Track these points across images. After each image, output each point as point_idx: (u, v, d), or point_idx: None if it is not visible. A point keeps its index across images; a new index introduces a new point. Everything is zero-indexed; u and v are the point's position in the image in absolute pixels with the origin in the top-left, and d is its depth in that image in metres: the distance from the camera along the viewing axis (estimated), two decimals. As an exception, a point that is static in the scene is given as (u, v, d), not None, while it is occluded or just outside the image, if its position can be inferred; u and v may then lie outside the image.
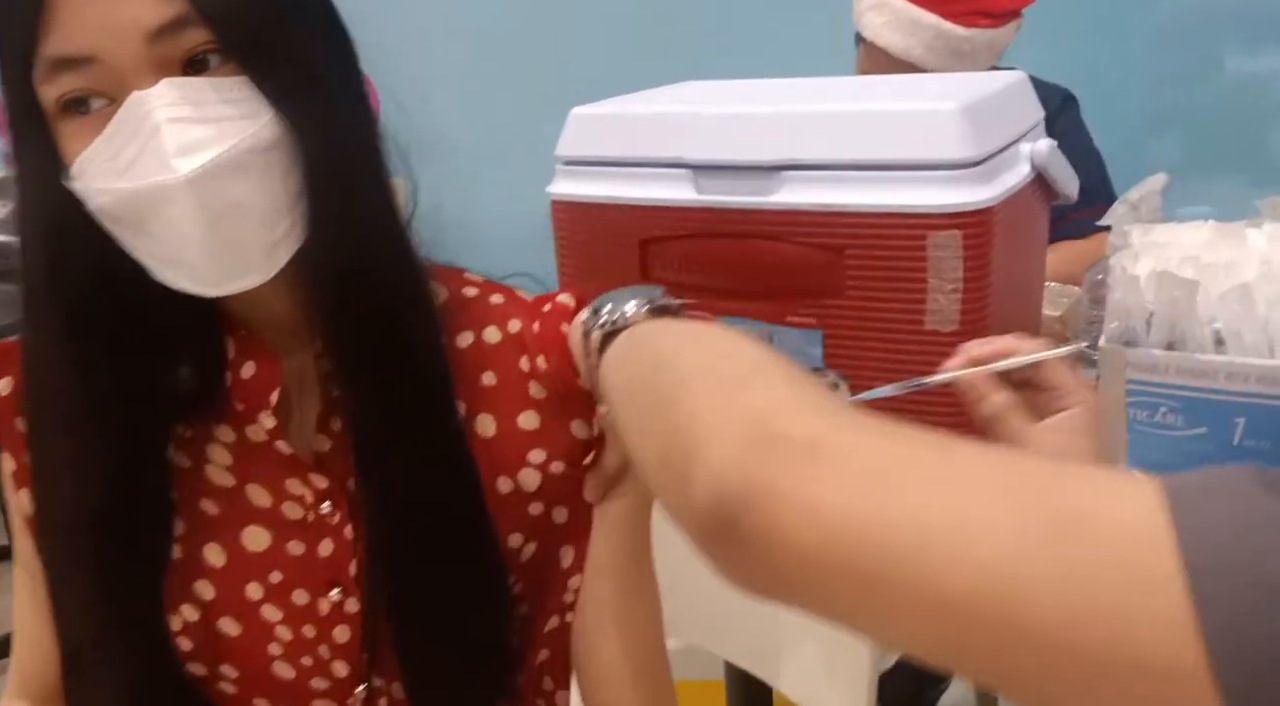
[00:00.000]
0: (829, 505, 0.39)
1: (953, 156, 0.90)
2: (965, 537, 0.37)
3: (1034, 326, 1.18)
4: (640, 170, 1.03)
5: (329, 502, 0.69)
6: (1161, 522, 0.34)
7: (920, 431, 0.42)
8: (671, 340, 0.56)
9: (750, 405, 0.44)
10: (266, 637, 0.70)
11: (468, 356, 0.72)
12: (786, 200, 0.96)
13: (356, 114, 0.65)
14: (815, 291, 0.98)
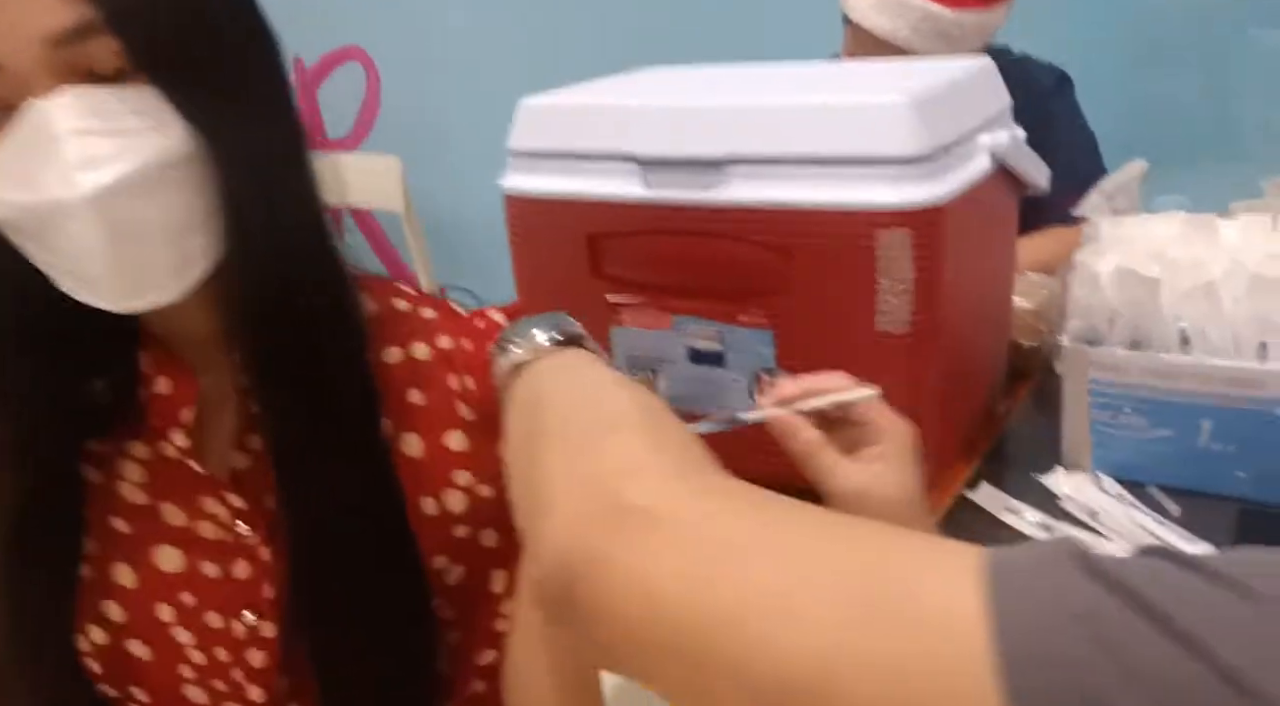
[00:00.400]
0: (658, 581, 0.38)
1: (901, 152, 0.87)
2: (782, 621, 0.35)
3: (1004, 321, 1.15)
4: (589, 164, 1.00)
5: (245, 523, 0.68)
6: (980, 608, 0.32)
7: (765, 498, 0.41)
8: (550, 385, 0.54)
9: (597, 468, 0.44)
10: (178, 660, 0.68)
11: (395, 373, 0.70)
12: (733, 196, 0.93)
13: (280, 127, 0.63)
14: (765, 290, 0.95)
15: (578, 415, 0.48)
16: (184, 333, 0.65)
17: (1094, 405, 0.99)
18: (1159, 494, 0.97)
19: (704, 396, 1.02)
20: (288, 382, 0.64)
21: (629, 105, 0.98)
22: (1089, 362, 0.98)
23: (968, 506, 0.98)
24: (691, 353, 1.01)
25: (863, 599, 0.35)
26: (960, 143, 0.94)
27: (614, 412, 0.48)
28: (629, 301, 1.02)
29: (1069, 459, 1.02)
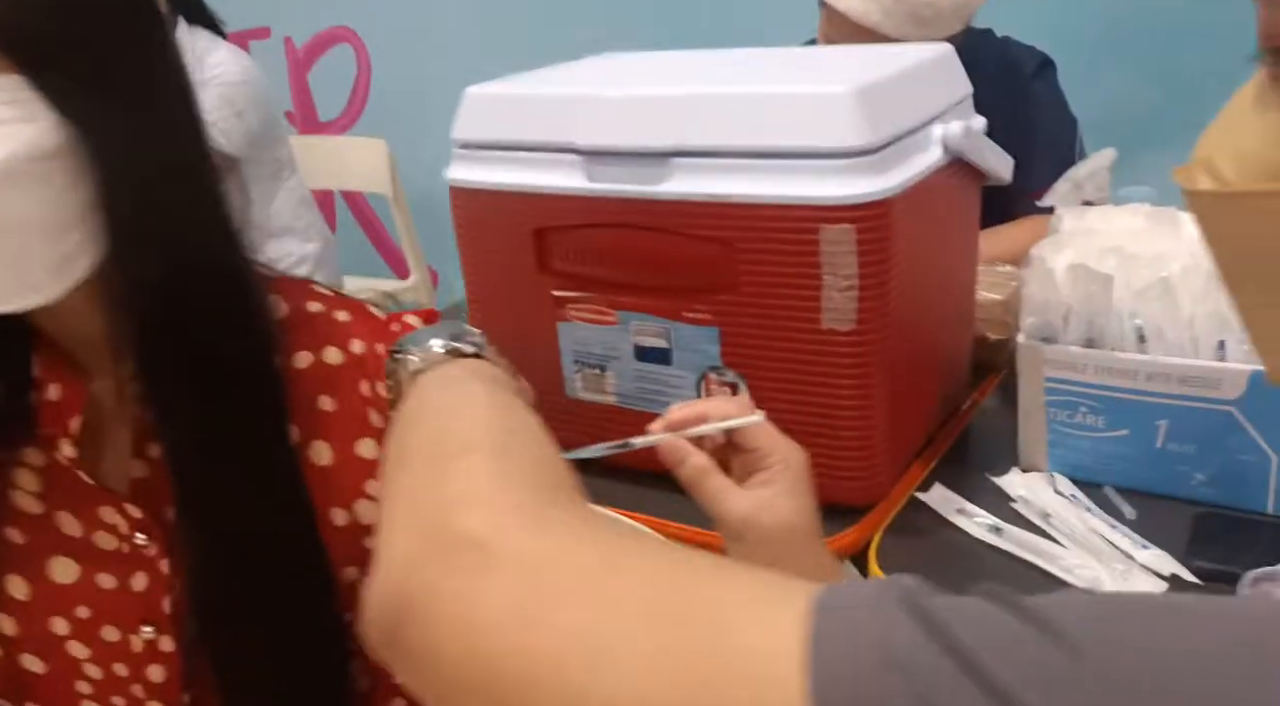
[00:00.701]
0: (481, 620, 0.36)
1: (844, 144, 0.84)
2: (601, 671, 0.33)
3: (966, 316, 1.12)
4: (533, 155, 0.98)
5: (144, 534, 0.66)
6: (798, 656, 0.30)
7: (608, 534, 0.39)
8: (425, 401, 0.52)
9: (437, 496, 0.41)
10: (74, 676, 0.67)
11: (305, 378, 0.67)
12: (676, 190, 0.91)
13: (164, 122, 0.60)
14: (710, 287, 0.93)
15: (435, 435, 0.46)
16: (75, 335, 0.63)
17: (1050, 404, 0.96)
18: (1116, 496, 0.95)
19: (651, 395, 1.00)
20: (180, 389, 0.62)
21: (571, 94, 0.96)
22: (1044, 361, 0.95)
23: (919, 508, 0.96)
24: (638, 350, 0.99)
25: (684, 647, 0.33)
26: (910, 134, 0.91)
27: (469, 434, 0.45)
28: (575, 296, 1.00)
29: (1025, 459, 1.00)
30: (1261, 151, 0.37)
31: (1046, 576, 0.86)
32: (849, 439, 0.93)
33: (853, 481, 0.94)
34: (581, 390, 1.04)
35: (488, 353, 0.58)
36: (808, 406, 0.93)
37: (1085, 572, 0.85)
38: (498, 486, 0.41)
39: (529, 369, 1.05)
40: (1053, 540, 0.90)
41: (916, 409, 1.00)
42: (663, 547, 0.38)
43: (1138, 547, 0.86)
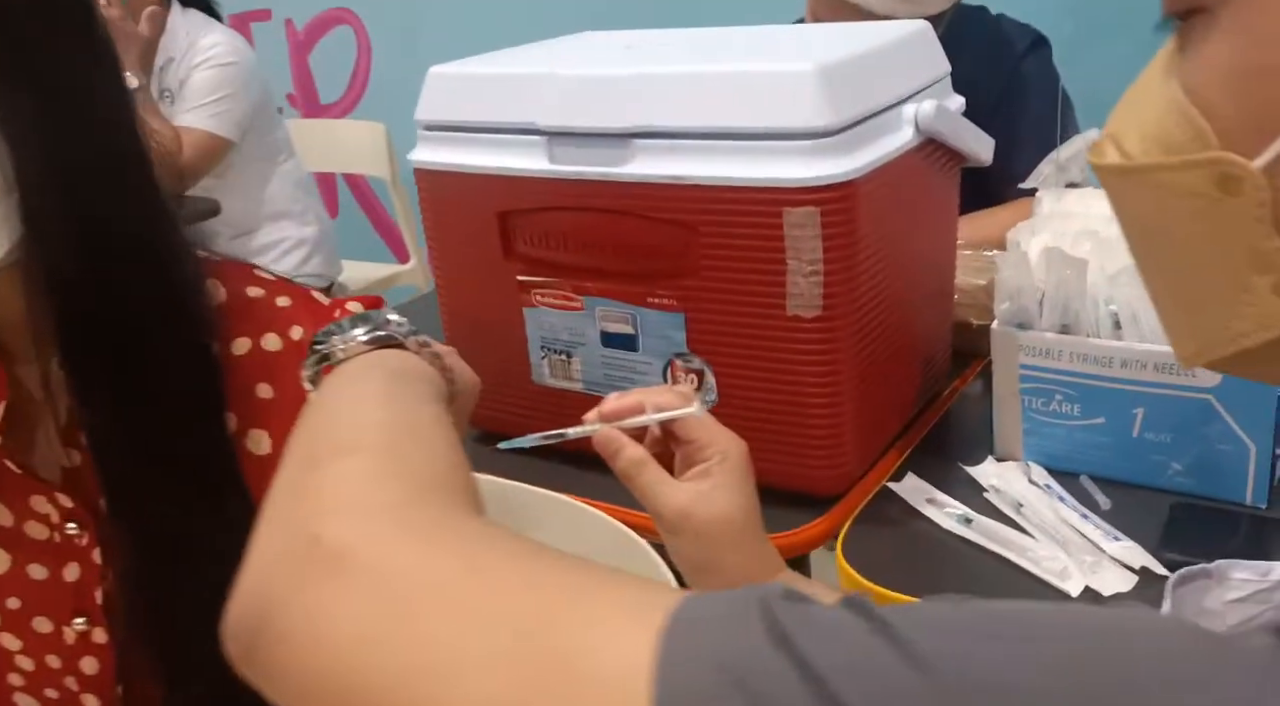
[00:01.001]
0: (334, 633, 0.34)
1: (808, 124, 0.82)
2: (450, 687, 0.32)
3: (944, 301, 1.10)
4: (496, 137, 0.96)
5: (75, 524, 0.64)
6: (646, 675, 0.29)
7: (479, 539, 0.37)
8: (322, 397, 0.50)
9: (306, 500, 0.40)
10: (6, 668, 0.66)
11: (243, 365, 0.66)
12: (638, 171, 0.88)
13: (90, 97, 0.59)
14: (674, 272, 0.91)
15: (319, 434, 0.44)
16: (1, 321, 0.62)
17: (1025, 392, 0.94)
18: (1091, 485, 0.92)
19: (619, 381, 0.98)
20: (102, 378, 0.60)
21: (532, 74, 0.93)
22: (1018, 347, 0.92)
23: (890, 498, 0.94)
24: (604, 336, 0.97)
25: (535, 660, 0.31)
26: (879, 113, 0.88)
27: (354, 434, 0.43)
28: (540, 282, 0.98)
29: (1001, 448, 0.97)
30: (1161, 123, 0.35)
31: (1014, 568, 0.84)
32: (817, 427, 0.91)
33: (821, 470, 0.92)
34: (549, 377, 1.02)
35: (411, 342, 0.56)
36: (774, 394, 0.91)
37: (1053, 565, 0.82)
38: (370, 489, 0.39)
39: (497, 355, 1.04)
40: (1023, 531, 0.88)
41: (889, 396, 0.98)
42: (531, 555, 0.36)
43: (1109, 539, 0.84)
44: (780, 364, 0.89)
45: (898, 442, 1.03)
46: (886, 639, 0.28)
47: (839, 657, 0.28)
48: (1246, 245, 0.33)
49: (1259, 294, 0.33)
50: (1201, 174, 0.33)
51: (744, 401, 0.93)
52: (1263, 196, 0.32)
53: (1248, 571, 0.48)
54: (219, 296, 0.67)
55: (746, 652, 0.28)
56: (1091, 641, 0.28)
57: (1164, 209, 0.35)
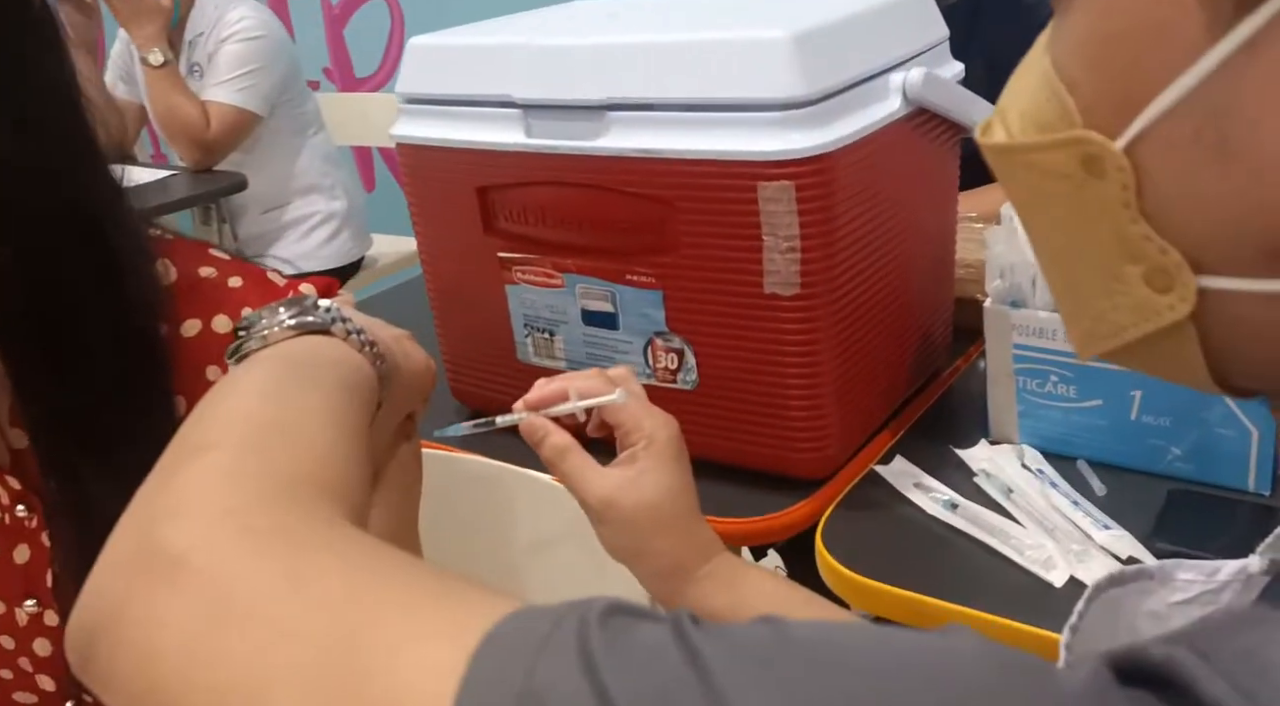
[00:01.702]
0: (162, 644, 0.33)
1: (781, 94, 0.78)
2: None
3: (943, 277, 1.06)
4: (474, 110, 0.94)
5: (24, 506, 0.64)
6: (448, 700, 0.27)
7: (317, 541, 0.35)
8: (216, 387, 0.48)
9: (158, 501, 0.38)
10: None
11: (193, 347, 0.65)
12: (612, 145, 0.86)
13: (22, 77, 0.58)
14: (652, 248, 0.88)
15: (186, 429, 0.43)
16: None
17: (1019, 372, 0.90)
18: (1088, 470, 0.88)
19: (600, 359, 0.96)
20: (38, 359, 0.60)
21: (506, 44, 0.91)
22: (1011, 326, 0.89)
23: (878, 483, 0.91)
24: (585, 313, 0.95)
25: (338, 680, 0.29)
26: (862, 82, 0.84)
27: (220, 429, 0.42)
28: (520, 258, 0.96)
29: (995, 430, 0.94)
30: (1034, 99, 0.32)
31: (998, 557, 0.81)
32: (798, 409, 0.88)
33: (803, 453, 0.90)
34: (533, 355, 1.00)
35: (338, 328, 0.54)
36: (755, 375, 0.88)
37: (1037, 554, 0.79)
38: (221, 489, 0.37)
39: (483, 333, 1.03)
40: (1011, 518, 0.84)
41: (878, 376, 0.95)
42: (367, 566, 0.34)
43: (1098, 527, 0.81)
44: (759, 344, 0.87)
45: (890, 424, 0.99)
46: (693, 669, 0.26)
47: (640, 688, 0.26)
48: (1114, 231, 0.30)
49: (1131, 283, 0.30)
50: (1067, 154, 0.30)
51: (724, 382, 0.90)
52: (1126, 179, 0.29)
53: (1193, 572, 0.45)
54: (168, 277, 0.66)
55: (552, 679, 0.27)
56: (898, 681, 0.26)
57: (1038, 191, 0.32)
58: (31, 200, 0.58)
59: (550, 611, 0.29)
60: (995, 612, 0.74)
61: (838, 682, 0.26)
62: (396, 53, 3.20)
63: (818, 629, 0.28)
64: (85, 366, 0.61)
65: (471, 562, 0.99)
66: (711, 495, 0.92)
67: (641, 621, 0.29)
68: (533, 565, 1.00)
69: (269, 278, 0.69)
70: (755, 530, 0.88)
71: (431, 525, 0.93)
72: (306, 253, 2.47)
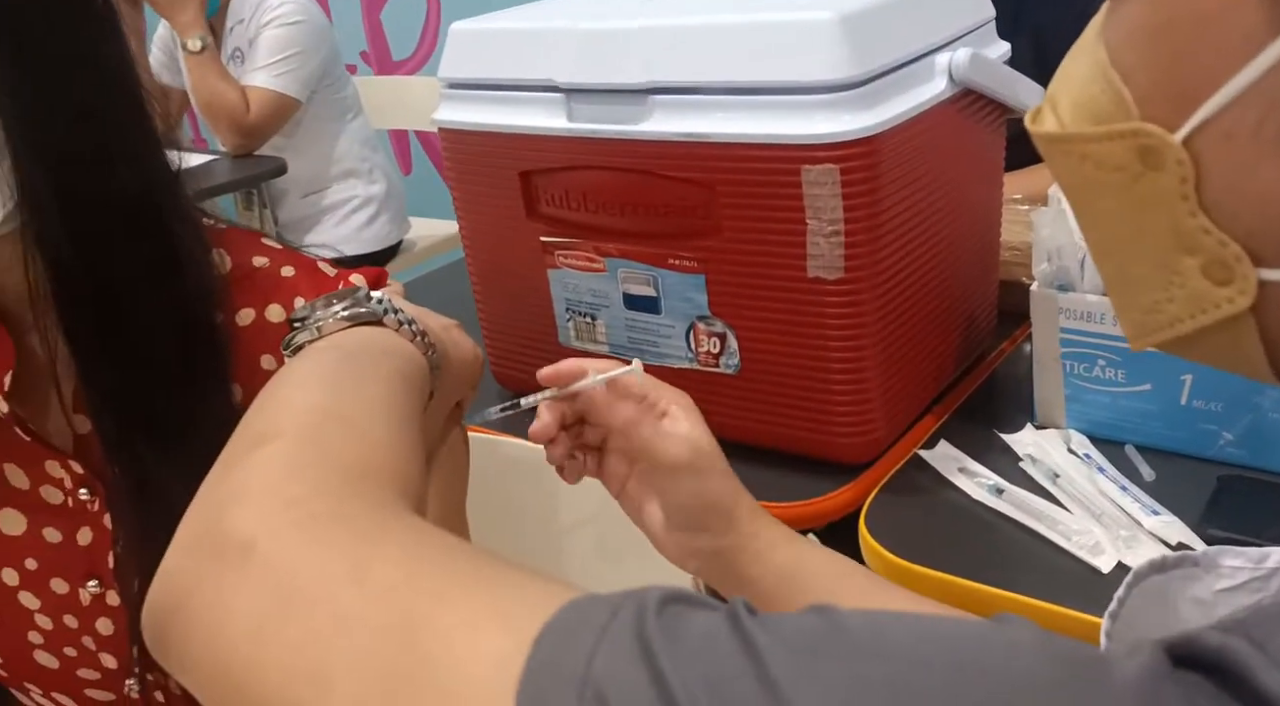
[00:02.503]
0: (230, 627, 0.34)
1: (827, 77, 0.78)
2: (317, 692, 0.31)
3: (989, 260, 1.05)
4: (517, 94, 0.94)
5: (86, 489, 0.66)
6: (511, 689, 0.28)
7: (375, 531, 0.36)
8: (275, 377, 0.49)
9: (222, 488, 0.39)
10: (26, 625, 0.68)
11: (248, 335, 0.66)
12: (655, 129, 0.86)
13: (83, 65, 0.59)
14: (695, 232, 0.88)
15: (250, 419, 0.44)
16: (3, 291, 0.63)
17: (1066, 356, 0.89)
18: (1136, 455, 0.88)
19: (643, 344, 0.96)
20: (100, 346, 0.61)
21: (548, 29, 0.91)
22: (1059, 309, 0.88)
23: (921, 467, 0.90)
24: (627, 298, 0.95)
25: (401, 666, 0.30)
26: (908, 64, 0.84)
27: (281, 419, 0.43)
28: (563, 243, 0.96)
29: (1041, 415, 0.93)
30: (1087, 89, 0.31)
31: (1044, 542, 0.80)
32: (841, 393, 0.88)
33: (846, 438, 0.90)
34: (575, 339, 1.01)
35: (390, 319, 0.55)
36: (798, 359, 0.88)
37: (1084, 539, 0.78)
38: (283, 478, 0.38)
39: (525, 317, 1.03)
40: (1057, 503, 0.84)
41: (922, 360, 0.94)
42: (426, 555, 0.34)
43: (1147, 513, 0.80)
44: (803, 328, 0.86)
45: (934, 408, 0.99)
46: (748, 658, 0.26)
47: (695, 676, 0.26)
48: (1171, 223, 0.30)
49: (1188, 275, 0.30)
50: (1123, 146, 0.30)
51: (767, 366, 0.90)
52: (1185, 172, 0.29)
53: (1240, 558, 0.44)
54: (224, 266, 0.67)
55: (611, 667, 0.27)
56: (951, 672, 0.26)
57: (1091, 181, 0.32)
58: (95, 188, 0.59)
59: (607, 600, 0.30)
60: (1041, 598, 0.73)
61: (892, 673, 0.26)
62: (433, 36, 3.20)
63: (871, 619, 0.28)
64: (145, 352, 0.62)
65: (514, 543, 0.99)
66: (753, 479, 0.92)
67: (697, 610, 0.29)
68: (573, 545, 1.01)
69: (320, 268, 0.70)
70: (798, 514, 0.88)
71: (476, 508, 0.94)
72: (345, 237, 2.48)
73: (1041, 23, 1.36)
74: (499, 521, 0.96)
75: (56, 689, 0.70)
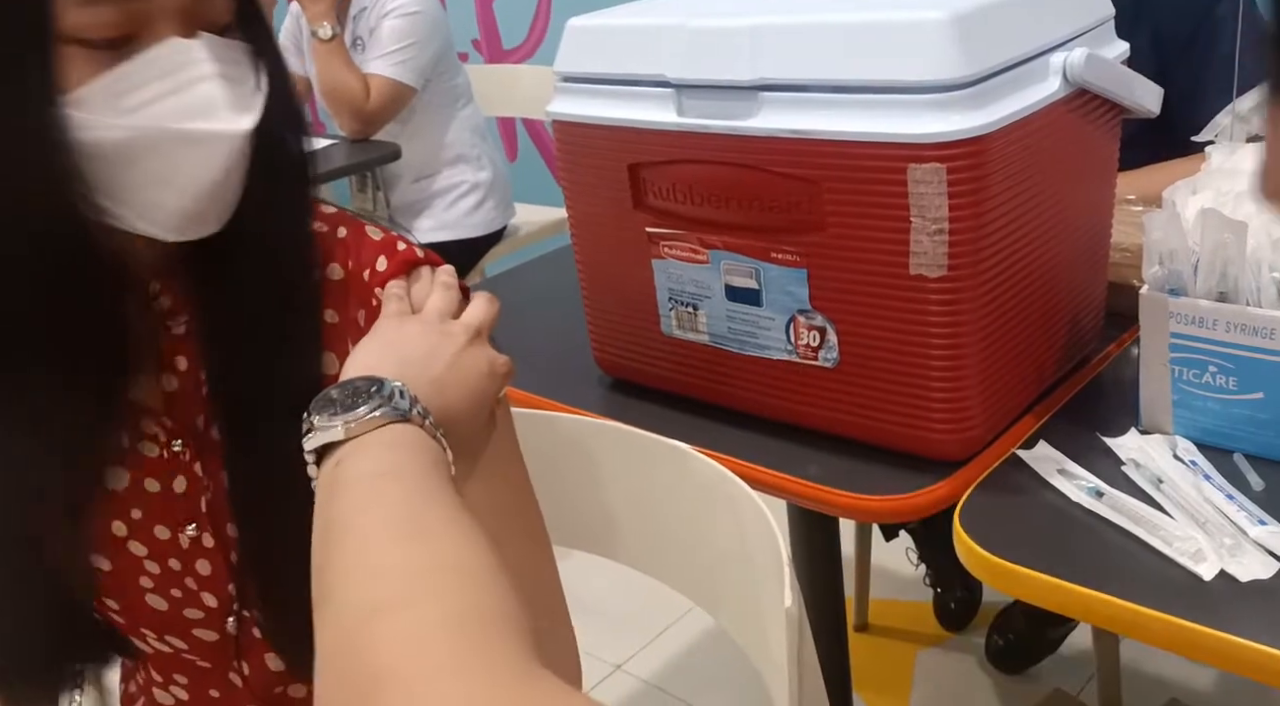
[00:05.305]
0: None
1: (937, 77, 0.78)
2: None
3: (1097, 262, 1.03)
4: (629, 89, 0.96)
5: (180, 441, 0.71)
6: None
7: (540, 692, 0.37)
8: (340, 512, 0.50)
9: (357, 672, 0.40)
10: (137, 572, 0.73)
11: None
12: (763, 125, 0.87)
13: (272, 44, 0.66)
14: (797, 227, 0.89)
15: (359, 577, 0.45)
16: (137, 260, 0.67)
17: (1176, 362, 0.88)
18: (1244, 464, 0.86)
19: (743, 335, 0.98)
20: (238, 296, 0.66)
21: (662, 25, 0.93)
22: (1169, 314, 0.86)
23: (1019, 467, 0.90)
24: (729, 289, 0.97)
25: None
26: (1021, 63, 0.83)
27: (389, 583, 0.44)
28: (668, 234, 0.99)
29: (1147, 420, 0.92)
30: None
31: (1144, 547, 0.79)
32: (940, 390, 0.88)
33: (943, 435, 0.90)
34: (676, 328, 1.03)
35: (415, 416, 0.57)
36: (898, 355, 0.89)
37: (1187, 546, 0.78)
38: (420, 654, 0.39)
39: (628, 305, 1.06)
40: (1160, 509, 0.83)
41: (1023, 360, 0.94)
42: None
43: (1253, 522, 0.78)
44: (903, 324, 0.87)
45: (1035, 408, 0.98)
46: None
47: None
48: None
49: None
50: None
51: (866, 361, 0.91)
52: None
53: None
54: None
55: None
56: None
57: None
58: (272, 156, 0.64)
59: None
60: (1140, 602, 0.73)
61: None
62: (543, 25, 3.25)
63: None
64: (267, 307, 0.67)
65: (617, 525, 1.02)
66: (847, 472, 0.94)
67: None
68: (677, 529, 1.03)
69: (368, 231, 0.73)
70: (892, 508, 0.89)
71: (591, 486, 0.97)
72: (453, 221, 2.55)
73: (1161, 22, 1.32)
74: (619, 504, 1.00)
75: (168, 632, 0.75)
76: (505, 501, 0.72)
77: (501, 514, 0.71)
